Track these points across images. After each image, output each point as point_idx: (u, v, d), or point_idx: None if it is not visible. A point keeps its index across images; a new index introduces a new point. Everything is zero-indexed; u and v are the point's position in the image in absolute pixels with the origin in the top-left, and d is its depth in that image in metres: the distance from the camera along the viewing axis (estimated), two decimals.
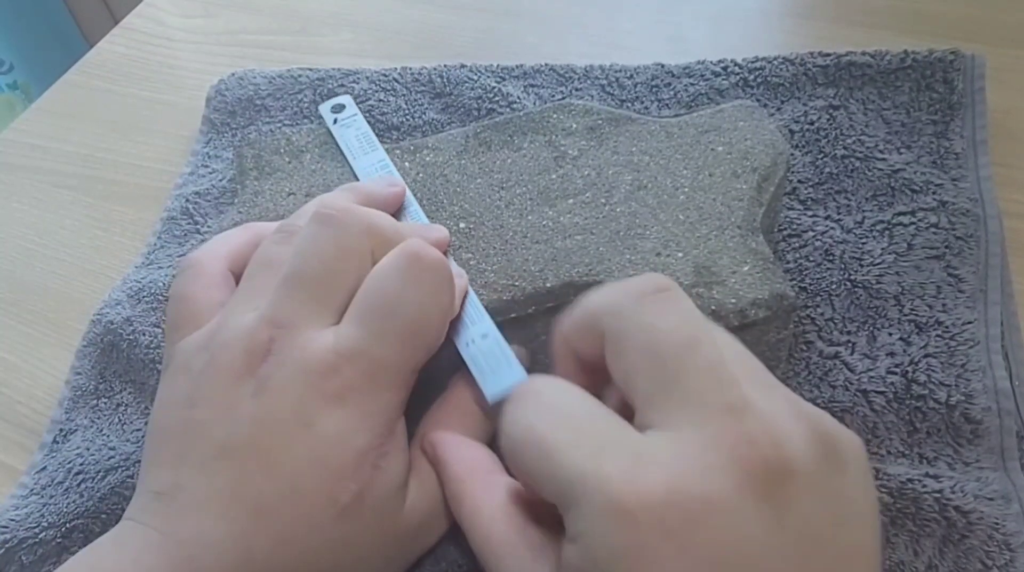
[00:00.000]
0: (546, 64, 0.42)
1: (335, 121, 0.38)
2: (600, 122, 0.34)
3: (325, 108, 0.39)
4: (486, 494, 0.24)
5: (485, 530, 0.23)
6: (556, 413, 0.21)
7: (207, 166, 0.42)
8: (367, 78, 0.43)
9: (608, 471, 0.18)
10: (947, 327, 0.29)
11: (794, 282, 0.31)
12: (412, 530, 0.25)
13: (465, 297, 0.28)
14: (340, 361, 0.24)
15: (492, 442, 0.27)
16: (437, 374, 0.28)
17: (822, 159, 0.35)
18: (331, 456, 0.23)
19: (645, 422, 0.20)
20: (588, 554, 0.19)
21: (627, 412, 0.21)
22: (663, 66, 0.40)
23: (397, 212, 0.32)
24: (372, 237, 0.26)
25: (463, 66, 0.42)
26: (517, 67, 0.42)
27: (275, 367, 0.24)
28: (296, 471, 0.23)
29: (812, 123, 0.36)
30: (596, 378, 0.24)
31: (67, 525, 0.29)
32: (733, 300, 0.27)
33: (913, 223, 0.32)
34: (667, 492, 0.18)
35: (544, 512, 0.23)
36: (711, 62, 0.40)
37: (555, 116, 0.34)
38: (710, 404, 0.19)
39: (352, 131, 0.37)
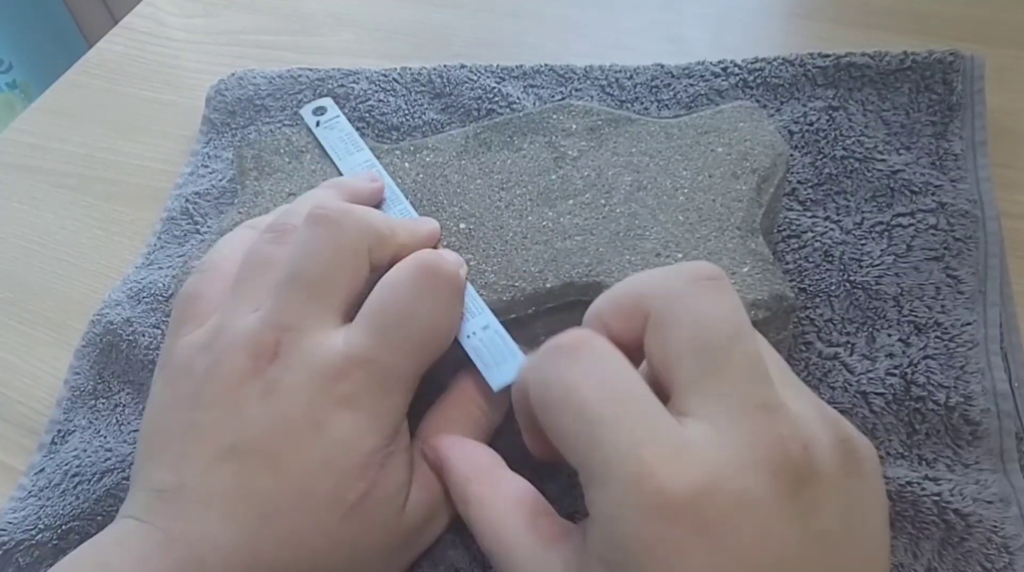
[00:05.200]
0: (546, 64, 0.42)
1: (317, 124, 0.37)
2: (600, 123, 0.34)
3: (307, 111, 0.38)
4: (493, 491, 0.24)
5: (494, 527, 0.23)
6: (601, 380, 0.20)
7: (207, 166, 0.42)
8: (367, 78, 0.42)
9: (649, 458, 0.18)
10: (946, 328, 0.29)
11: (793, 283, 0.31)
12: (414, 527, 0.25)
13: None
14: (350, 366, 0.24)
15: (492, 442, 0.27)
16: (438, 371, 0.28)
17: (821, 160, 0.35)
18: (340, 458, 0.23)
19: (680, 408, 0.20)
20: (616, 541, 0.19)
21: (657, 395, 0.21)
22: (663, 67, 0.40)
23: (379, 205, 0.32)
24: (368, 236, 0.26)
25: (463, 66, 0.42)
26: (517, 67, 0.42)
27: (283, 370, 0.24)
28: (305, 473, 0.23)
29: (811, 124, 0.36)
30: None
31: (63, 527, 0.29)
32: None
33: (912, 224, 0.32)
34: (705, 486, 0.18)
35: (551, 505, 0.23)
36: (711, 63, 0.40)
37: (555, 117, 0.34)
38: (747, 399, 0.19)
39: (335, 133, 0.36)
